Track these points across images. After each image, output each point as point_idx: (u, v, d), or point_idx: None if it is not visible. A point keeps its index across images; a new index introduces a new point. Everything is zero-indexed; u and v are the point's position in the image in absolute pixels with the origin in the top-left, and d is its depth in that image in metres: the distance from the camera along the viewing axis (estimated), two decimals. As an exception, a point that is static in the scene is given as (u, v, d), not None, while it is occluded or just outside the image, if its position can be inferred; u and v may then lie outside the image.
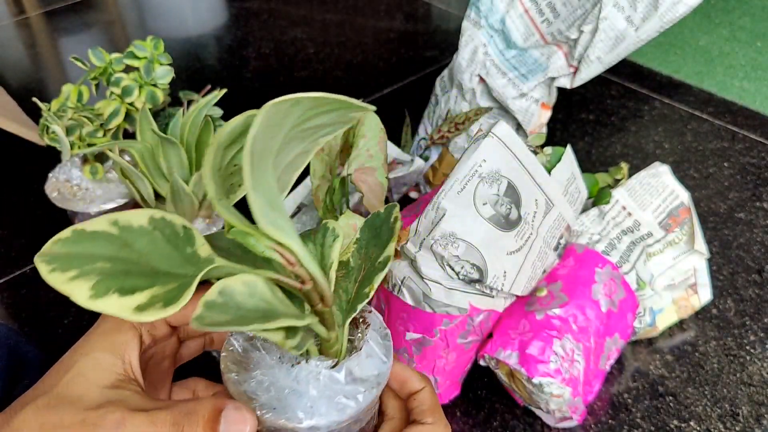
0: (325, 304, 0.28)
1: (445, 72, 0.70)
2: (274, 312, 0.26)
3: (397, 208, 0.33)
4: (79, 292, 0.26)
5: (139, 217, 0.29)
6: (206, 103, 0.55)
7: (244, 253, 0.28)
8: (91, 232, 0.28)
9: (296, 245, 0.26)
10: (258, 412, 0.29)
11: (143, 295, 0.26)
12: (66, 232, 0.28)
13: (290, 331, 0.26)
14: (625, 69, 0.96)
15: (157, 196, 0.56)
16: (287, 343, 0.26)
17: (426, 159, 0.70)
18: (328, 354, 0.31)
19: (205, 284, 0.26)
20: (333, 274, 0.30)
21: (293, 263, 0.26)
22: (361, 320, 0.33)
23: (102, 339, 0.31)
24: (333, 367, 0.30)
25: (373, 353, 0.32)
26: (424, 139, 0.71)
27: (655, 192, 0.55)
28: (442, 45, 1.05)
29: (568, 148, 0.50)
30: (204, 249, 0.28)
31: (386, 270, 0.31)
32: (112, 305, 0.25)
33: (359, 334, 0.33)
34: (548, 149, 0.51)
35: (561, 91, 0.65)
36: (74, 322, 0.58)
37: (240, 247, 0.27)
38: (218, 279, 0.26)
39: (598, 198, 0.54)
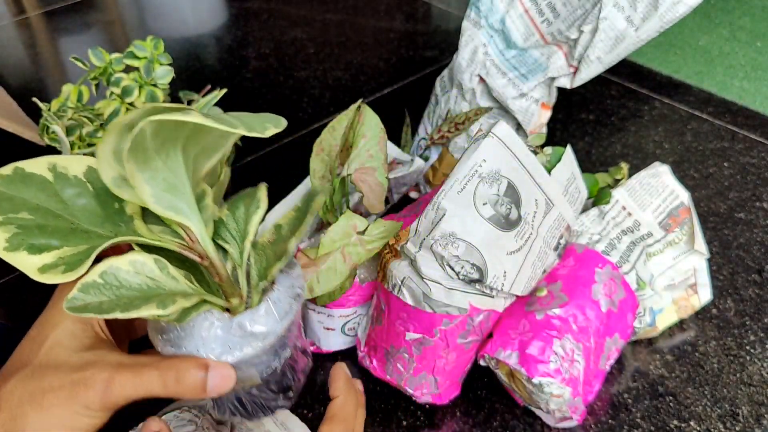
0: (221, 280, 0.31)
1: (445, 72, 0.70)
2: (149, 294, 0.28)
3: (322, 196, 0.34)
4: None
5: (77, 166, 0.30)
6: (206, 103, 0.55)
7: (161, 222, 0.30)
8: (28, 174, 0.29)
9: (194, 227, 0.29)
10: (162, 344, 0.32)
11: (50, 255, 0.27)
12: (7, 169, 0.29)
13: (162, 307, 0.27)
14: (625, 69, 0.96)
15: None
16: (160, 319, 0.29)
17: (426, 159, 0.70)
18: (237, 312, 0.32)
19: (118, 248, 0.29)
20: (248, 245, 0.32)
21: (192, 241, 0.29)
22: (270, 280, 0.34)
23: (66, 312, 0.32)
24: (227, 318, 0.32)
25: (271, 312, 0.33)
26: (424, 139, 0.71)
27: (655, 192, 0.55)
28: (442, 45, 1.05)
29: (568, 148, 0.50)
30: (131, 207, 0.30)
31: (284, 261, 0.31)
32: (21, 262, 0.27)
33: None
34: (548, 149, 0.51)
35: (561, 91, 0.65)
36: (74, 322, 0.58)
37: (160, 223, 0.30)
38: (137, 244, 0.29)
39: (598, 198, 0.54)
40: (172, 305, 0.27)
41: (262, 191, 0.33)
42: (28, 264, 0.27)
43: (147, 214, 0.30)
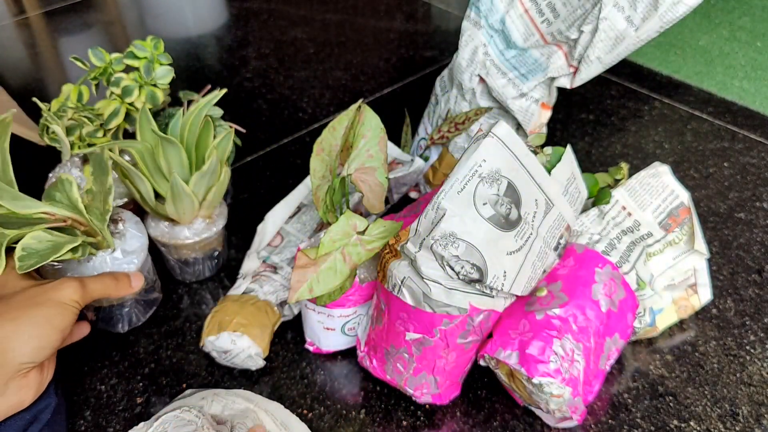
0: (84, 226, 0.47)
1: (445, 72, 0.70)
2: (57, 245, 0.43)
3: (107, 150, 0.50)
4: None
5: None
6: (206, 102, 0.55)
7: (24, 219, 0.44)
8: None
9: (48, 208, 0.45)
10: None
11: None
12: None
13: (74, 249, 0.45)
14: (625, 69, 0.96)
15: (157, 195, 0.56)
16: (75, 257, 0.46)
17: (426, 159, 0.70)
18: (104, 247, 0.50)
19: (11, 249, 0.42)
20: (82, 206, 0.47)
21: (53, 215, 0.45)
22: (118, 219, 0.53)
23: None
24: (112, 252, 0.51)
25: (134, 235, 0.53)
26: (424, 139, 0.71)
27: (654, 192, 0.55)
28: (442, 45, 1.05)
29: (568, 148, 0.50)
30: None
31: (113, 192, 0.48)
32: None
33: (121, 227, 0.52)
34: (548, 149, 0.51)
35: (561, 91, 0.65)
36: (74, 322, 0.58)
37: (20, 219, 0.44)
38: (17, 240, 0.42)
39: (598, 198, 0.54)
40: (78, 245, 0.45)
41: (65, 177, 0.48)
42: None
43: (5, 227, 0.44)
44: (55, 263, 0.50)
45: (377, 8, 1.17)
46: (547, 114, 0.64)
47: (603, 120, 0.86)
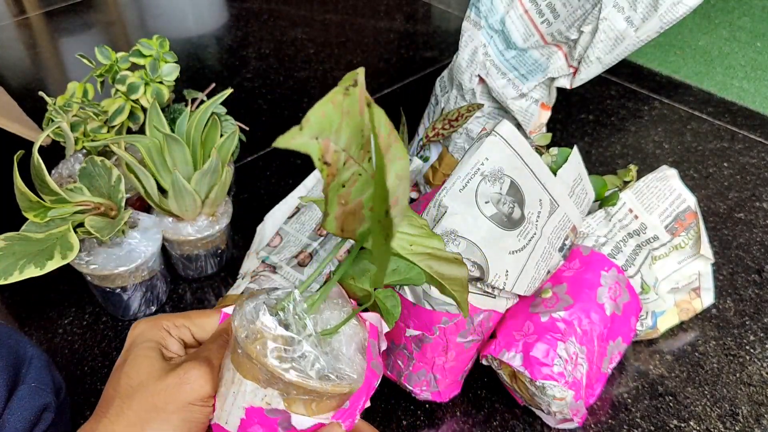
0: (114, 210, 0.52)
1: (445, 72, 0.70)
2: (113, 224, 0.50)
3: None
4: None
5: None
6: (214, 101, 0.55)
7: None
8: None
9: (85, 197, 0.51)
10: (92, 266, 0.53)
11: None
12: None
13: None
14: (625, 69, 0.97)
15: (163, 191, 0.56)
16: (120, 235, 0.54)
17: (425, 159, 0.70)
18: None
19: None
20: (122, 192, 0.52)
21: (89, 204, 0.50)
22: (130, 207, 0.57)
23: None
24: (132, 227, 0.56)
25: (154, 220, 0.58)
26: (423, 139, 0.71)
27: (662, 195, 0.55)
28: (442, 45, 1.05)
29: (575, 149, 0.50)
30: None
31: (123, 180, 0.52)
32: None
33: (134, 212, 0.57)
34: (554, 150, 0.51)
35: (561, 91, 0.65)
36: (74, 322, 0.58)
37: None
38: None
39: (605, 199, 0.54)
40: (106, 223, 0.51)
41: (109, 164, 0.52)
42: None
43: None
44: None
45: (377, 8, 1.17)
46: (546, 114, 0.64)
47: (603, 120, 0.86)
